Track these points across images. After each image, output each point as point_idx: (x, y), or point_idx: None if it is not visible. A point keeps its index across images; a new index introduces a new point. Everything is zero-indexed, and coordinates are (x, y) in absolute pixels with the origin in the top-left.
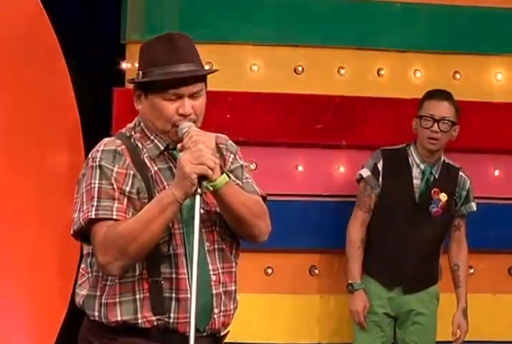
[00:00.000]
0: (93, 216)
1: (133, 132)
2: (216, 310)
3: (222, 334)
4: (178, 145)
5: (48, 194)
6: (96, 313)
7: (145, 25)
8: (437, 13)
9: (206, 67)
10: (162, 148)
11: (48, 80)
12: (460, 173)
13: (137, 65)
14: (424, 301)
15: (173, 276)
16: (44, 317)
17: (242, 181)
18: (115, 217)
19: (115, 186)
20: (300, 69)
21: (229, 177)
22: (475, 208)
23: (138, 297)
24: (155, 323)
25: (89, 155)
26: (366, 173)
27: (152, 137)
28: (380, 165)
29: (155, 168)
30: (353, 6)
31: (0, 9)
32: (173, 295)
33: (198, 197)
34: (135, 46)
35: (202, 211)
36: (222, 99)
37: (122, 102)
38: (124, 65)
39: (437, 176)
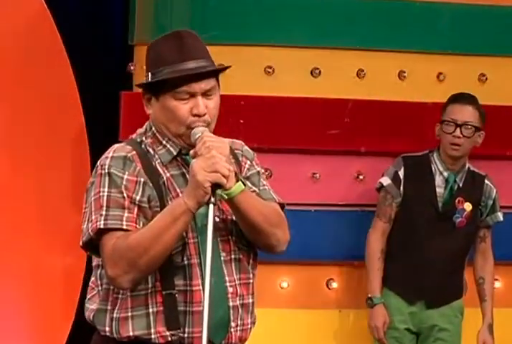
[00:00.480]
0: (102, 226)
1: (143, 138)
2: (233, 324)
3: None
4: (191, 152)
5: (52, 202)
6: (107, 328)
7: (154, 26)
8: (460, 13)
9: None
10: (175, 153)
11: (52, 83)
12: (486, 181)
13: (145, 67)
14: (448, 316)
15: (188, 288)
16: (49, 331)
17: (258, 188)
18: (125, 227)
19: (125, 195)
20: (317, 71)
21: (244, 184)
22: (501, 218)
23: (151, 310)
24: (170, 338)
25: (98, 163)
26: (386, 181)
27: (164, 142)
28: (401, 173)
29: (168, 175)
30: (372, 5)
31: (2, 9)
32: (188, 309)
33: (211, 206)
34: (144, 48)
35: (217, 220)
36: (235, 104)
37: (130, 106)
38: (132, 68)
39: (461, 185)
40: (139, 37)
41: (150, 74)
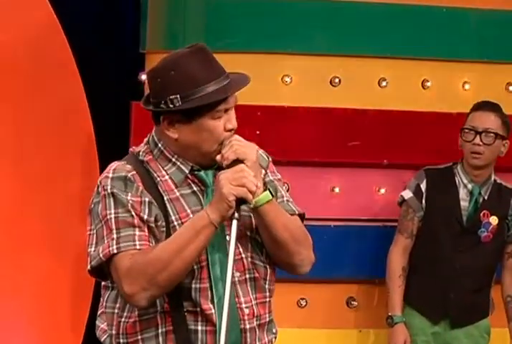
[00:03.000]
0: (115, 251)
1: (144, 158)
2: None
3: None
4: (218, 156)
5: (60, 217)
6: None
7: (167, 33)
8: (488, 19)
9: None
10: (187, 171)
11: (60, 92)
12: None
13: (156, 90)
14: (474, 336)
15: (198, 309)
16: None
17: (276, 200)
18: (138, 247)
19: (133, 213)
20: (336, 80)
21: (272, 195)
22: None
23: (160, 331)
24: None
25: (99, 182)
26: (407, 194)
27: (173, 160)
28: (423, 186)
29: (177, 194)
30: (395, 10)
31: (10, 18)
32: (199, 328)
33: (235, 222)
34: (156, 56)
35: (228, 238)
36: (251, 114)
37: (141, 116)
38: (143, 76)
39: (486, 197)
40: (151, 45)
41: (179, 96)
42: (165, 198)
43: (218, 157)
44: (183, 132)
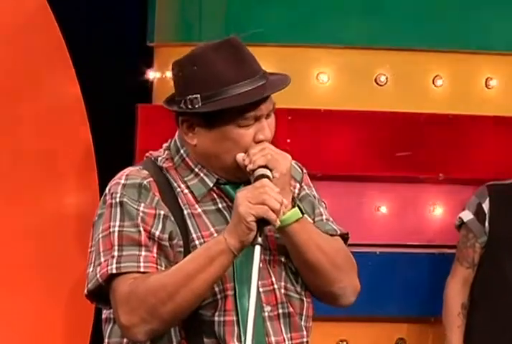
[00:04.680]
0: (114, 271)
1: (163, 163)
2: None
3: None
4: (238, 156)
5: (52, 240)
6: None
7: (180, 22)
8: None
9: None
10: (211, 185)
11: (53, 91)
12: None
13: (179, 86)
14: None
15: None
16: None
17: (313, 218)
18: (142, 270)
19: (142, 229)
20: (382, 79)
21: (302, 213)
22: None
23: None
24: None
25: (107, 189)
26: (467, 216)
27: (196, 170)
28: (486, 206)
29: (199, 210)
30: None
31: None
32: None
33: (258, 248)
34: (166, 50)
35: (260, 264)
36: (281, 119)
37: (148, 121)
38: (151, 74)
39: None
40: (160, 37)
41: (199, 97)
42: (185, 213)
43: (238, 156)
44: (203, 139)
